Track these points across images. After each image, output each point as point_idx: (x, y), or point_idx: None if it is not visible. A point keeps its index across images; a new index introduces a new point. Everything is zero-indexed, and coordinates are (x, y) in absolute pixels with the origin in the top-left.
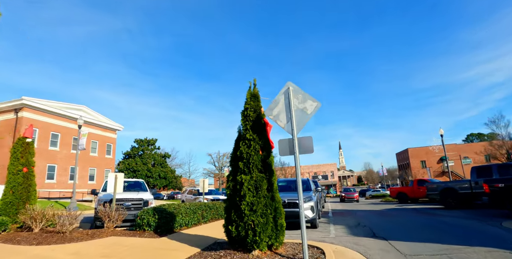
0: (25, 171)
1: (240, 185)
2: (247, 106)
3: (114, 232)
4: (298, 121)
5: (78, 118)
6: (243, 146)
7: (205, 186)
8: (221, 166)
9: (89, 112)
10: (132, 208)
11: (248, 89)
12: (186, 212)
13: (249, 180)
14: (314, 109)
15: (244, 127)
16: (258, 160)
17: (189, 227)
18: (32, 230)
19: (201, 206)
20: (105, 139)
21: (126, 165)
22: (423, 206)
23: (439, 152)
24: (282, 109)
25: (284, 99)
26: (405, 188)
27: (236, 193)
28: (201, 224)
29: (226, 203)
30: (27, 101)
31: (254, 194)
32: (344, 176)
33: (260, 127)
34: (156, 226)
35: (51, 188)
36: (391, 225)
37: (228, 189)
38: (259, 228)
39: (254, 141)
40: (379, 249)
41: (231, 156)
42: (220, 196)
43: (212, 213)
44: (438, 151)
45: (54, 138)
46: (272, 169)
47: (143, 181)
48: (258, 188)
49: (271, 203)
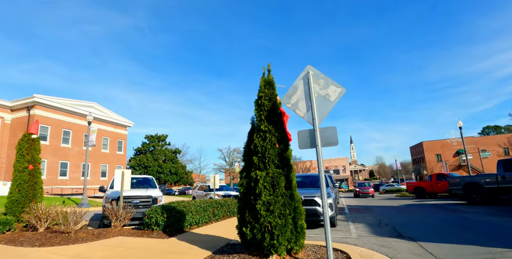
0: (31, 168)
1: (254, 182)
2: (261, 94)
3: (121, 232)
4: (319, 110)
5: (88, 114)
6: (257, 138)
7: (216, 182)
8: (231, 161)
9: (100, 109)
10: (141, 205)
11: (262, 75)
12: (197, 210)
13: (264, 177)
14: (338, 95)
15: (258, 117)
16: (275, 154)
17: (200, 226)
18: (37, 229)
19: (212, 204)
20: (116, 135)
21: (137, 161)
22: (443, 202)
23: (458, 145)
24: (301, 96)
25: (303, 85)
26: (423, 183)
27: (251, 191)
28: (212, 222)
29: (239, 202)
30: (39, 99)
31: (270, 192)
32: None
33: (276, 117)
34: (165, 225)
35: (64, 184)
36: (416, 223)
37: (241, 186)
38: (277, 230)
39: (270, 133)
40: (411, 253)
41: (244, 150)
42: (232, 192)
43: (224, 211)
44: (456, 144)
45: (66, 135)
46: (290, 164)
47: (152, 178)
48: (275, 186)
49: (290, 202)
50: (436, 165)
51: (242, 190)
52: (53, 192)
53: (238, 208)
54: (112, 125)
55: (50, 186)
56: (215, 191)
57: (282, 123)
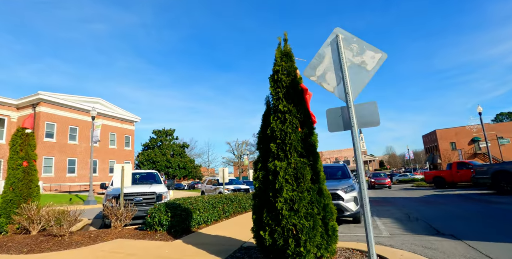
0: (25, 166)
1: (273, 175)
2: (277, 68)
3: (122, 233)
4: (354, 82)
5: (91, 109)
6: (275, 121)
7: (225, 176)
8: (240, 154)
9: (106, 104)
10: (144, 203)
11: (277, 46)
12: (205, 208)
13: (286, 168)
14: (376, 63)
15: (275, 96)
16: (297, 140)
17: (209, 224)
18: (30, 232)
19: (221, 199)
20: (123, 131)
21: (145, 156)
22: (467, 192)
23: (477, 131)
24: (330, 66)
25: (331, 52)
26: (442, 172)
27: (269, 186)
28: (222, 220)
29: (255, 199)
30: (44, 96)
31: (294, 187)
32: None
33: (297, 94)
34: (170, 225)
35: (72, 181)
36: (449, 217)
37: (256, 180)
38: (303, 234)
39: (291, 113)
40: (463, 256)
41: (258, 136)
42: (241, 186)
43: (234, 206)
44: (476, 131)
45: (72, 132)
46: (316, 152)
47: (156, 173)
48: (300, 179)
49: (318, 199)
50: (451, 153)
51: (257, 185)
52: (61, 190)
53: (254, 207)
54: (118, 121)
55: (59, 184)
56: (224, 185)
57: (305, 101)
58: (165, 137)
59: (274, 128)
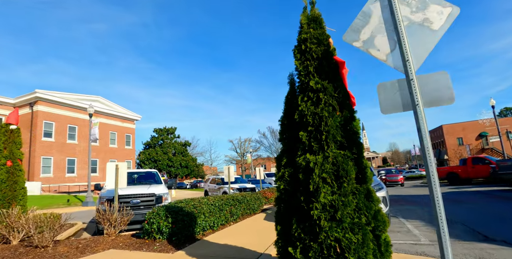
0: (9, 165)
1: (305, 173)
2: (305, 36)
3: (115, 242)
4: (415, 46)
5: (88, 106)
6: (304, 103)
7: (230, 174)
8: (243, 152)
9: (106, 102)
10: (142, 206)
11: (302, 11)
12: (210, 211)
13: (322, 164)
14: (446, 20)
15: (303, 71)
16: (336, 126)
17: (215, 229)
18: (10, 242)
19: (228, 201)
20: (124, 129)
21: (146, 155)
22: (487, 188)
23: (490, 125)
24: (379, 27)
25: (380, 9)
26: (456, 168)
27: (299, 188)
28: (230, 224)
29: (279, 205)
30: (41, 94)
31: (334, 188)
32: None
33: (331, 69)
34: (170, 233)
35: (72, 182)
36: (485, 218)
37: (280, 180)
38: (351, 253)
39: (326, 92)
40: None
41: (280, 123)
42: (247, 185)
43: (243, 208)
44: (489, 125)
45: (71, 131)
46: (360, 142)
47: (156, 172)
48: (342, 178)
49: (367, 205)
50: (458, 148)
51: (282, 187)
52: (61, 190)
53: (277, 214)
54: (119, 119)
55: (58, 184)
56: (230, 184)
57: (341, 77)
58: (166, 136)
59: (304, 111)
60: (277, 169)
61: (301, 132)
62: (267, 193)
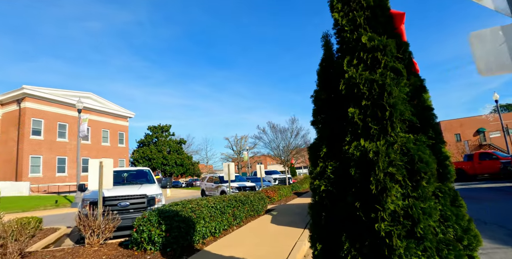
0: None
1: (360, 168)
2: None
3: (97, 255)
4: None
5: (77, 101)
6: (353, 68)
7: (231, 172)
8: (239, 150)
9: (97, 99)
10: (132, 209)
11: None
12: (211, 215)
13: (386, 153)
14: None
15: (348, 24)
16: (403, 99)
17: (217, 236)
18: None
19: (230, 202)
20: (117, 127)
21: (140, 153)
22: (497, 185)
23: (494, 120)
24: None
25: None
26: (462, 163)
27: (350, 189)
28: (233, 228)
29: (317, 214)
30: (29, 90)
31: (408, 188)
32: None
33: (388, 22)
34: (164, 243)
35: (62, 181)
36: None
37: (320, 178)
38: None
39: (385, 51)
40: None
41: (314, 99)
42: (247, 183)
43: (246, 210)
44: (493, 120)
45: (62, 129)
46: (435, 122)
47: (148, 170)
48: (419, 173)
49: (454, 212)
50: (456, 145)
51: (324, 188)
52: (50, 190)
53: (315, 227)
54: (111, 117)
55: (47, 184)
56: (230, 183)
57: (401, 34)
58: (161, 133)
59: (354, 79)
60: (311, 163)
61: (350, 109)
62: (270, 192)
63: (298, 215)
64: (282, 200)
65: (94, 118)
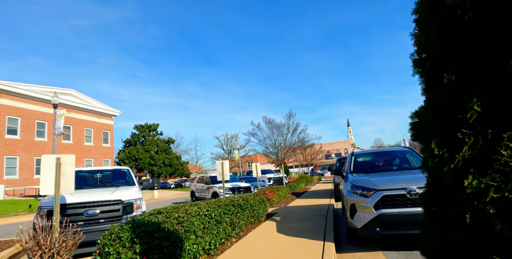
0: None
1: None
2: None
3: None
4: None
5: (53, 95)
6: None
7: (225, 171)
8: (230, 149)
9: (79, 96)
10: (102, 219)
11: None
12: (204, 226)
13: None
14: None
15: None
16: None
17: (212, 254)
18: None
19: (227, 208)
20: (101, 126)
21: (126, 153)
22: None
23: None
24: None
25: None
26: None
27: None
28: (231, 240)
29: (429, 222)
30: (3, 86)
31: None
32: None
33: None
34: None
35: None
36: None
37: (433, 173)
38: None
39: None
40: None
41: (416, 48)
42: (241, 184)
43: (246, 217)
44: None
45: (40, 128)
46: None
47: (128, 170)
48: None
49: None
50: None
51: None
52: (27, 194)
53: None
54: (95, 115)
55: (23, 187)
56: (224, 183)
57: None
58: (148, 133)
59: None
60: (425, 148)
61: None
62: (268, 193)
63: (307, 220)
64: (282, 202)
65: (76, 116)
